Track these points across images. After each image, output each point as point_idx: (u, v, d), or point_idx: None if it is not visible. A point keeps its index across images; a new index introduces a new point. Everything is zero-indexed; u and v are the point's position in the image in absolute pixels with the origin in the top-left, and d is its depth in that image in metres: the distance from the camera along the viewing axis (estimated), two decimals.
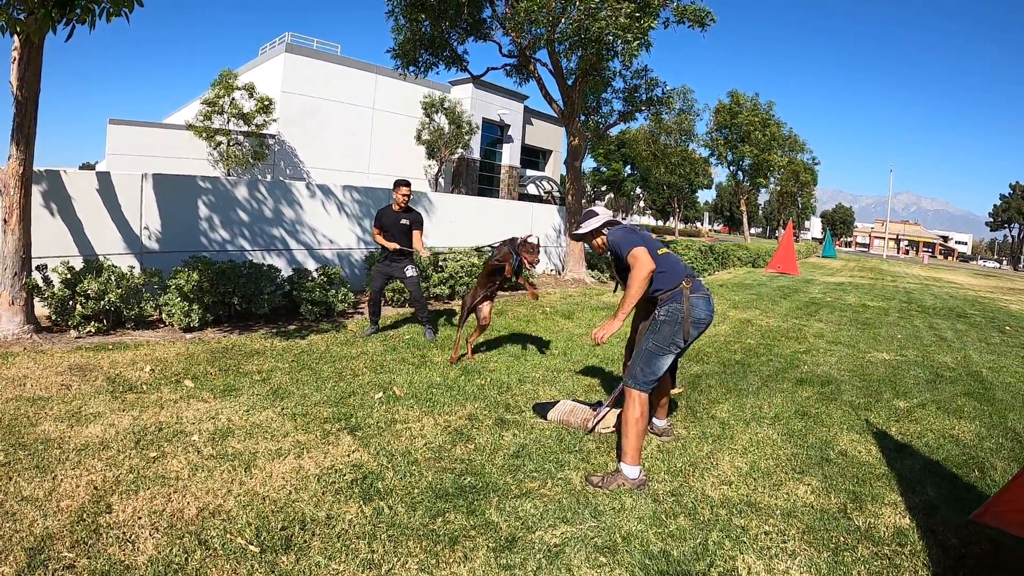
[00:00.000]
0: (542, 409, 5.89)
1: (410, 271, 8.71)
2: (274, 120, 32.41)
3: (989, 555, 4.03)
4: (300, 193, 11.36)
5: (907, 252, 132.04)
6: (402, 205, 8.72)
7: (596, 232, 5.20)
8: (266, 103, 31.12)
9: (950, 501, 4.80)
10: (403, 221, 8.66)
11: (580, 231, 5.23)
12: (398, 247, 8.51)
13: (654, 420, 5.59)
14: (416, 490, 4.18)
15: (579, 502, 4.23)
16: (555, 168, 51.31)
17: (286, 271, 10.13)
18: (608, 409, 5.60)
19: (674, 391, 7.06)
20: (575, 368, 7.86)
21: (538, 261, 7.34)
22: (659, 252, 4.88)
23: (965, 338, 13.17)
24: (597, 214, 5.23)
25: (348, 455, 4.66)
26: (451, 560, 3.40)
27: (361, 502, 3.94)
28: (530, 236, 7.42)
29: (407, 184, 8.74)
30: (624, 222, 5.45)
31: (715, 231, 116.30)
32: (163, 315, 8.28)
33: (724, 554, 3.74)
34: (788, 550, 3.86)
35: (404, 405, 5.91)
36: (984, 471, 5.51)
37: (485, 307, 7.80)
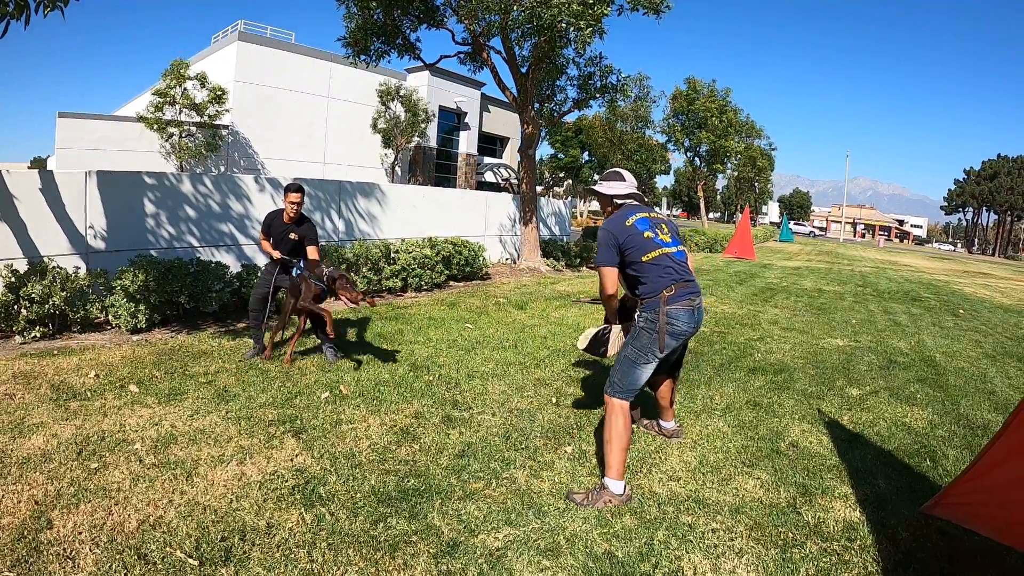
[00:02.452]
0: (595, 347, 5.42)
1: (295, 272, 7.50)
2: (227, 110, 31.98)
3: (940, 549, 4.03)
4: (248, 187, 11.20)
5: (863, 236, 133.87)
6: (293, 216, 7.38)
7: (608, 200, 4.89)
8: (219, 93, 30.67)
9: (901, 493, 4.83)
10: (292, 235, 7.43)
11: (598, 189, 4.92)
12: (285, 258, 7.42)
13: (661, 423, 5.56)
14: (359, 495, 4.14)
15: (523, 502, 4.22)
16: (513, 155, 51.19)
17: (235, 267, 9.95)
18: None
19: None
20: (527, 361, 7.84)
21: (356, 301, 6.61)
22: (646, 257, 4.54)
23: (919, 322, 13.36)
24: (623, 179, 4.86)
25: (291, 459, 4.61)
26: (391, 568, 3.37)
27: (302, 509, 3.89)
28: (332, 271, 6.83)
29: (299, 190, 7.35)
30: (644, 208, 4.85)
31: (674, 216, 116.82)
32: (110, 317, 8.12)
33: (670, 554, 3.73)
34: (735, 548, 3.87)
35: (350, 404, 5.86)
36: (936, 460, 5.56)
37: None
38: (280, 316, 7.51)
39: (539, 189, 62.06)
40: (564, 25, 13.30)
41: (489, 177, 48.78)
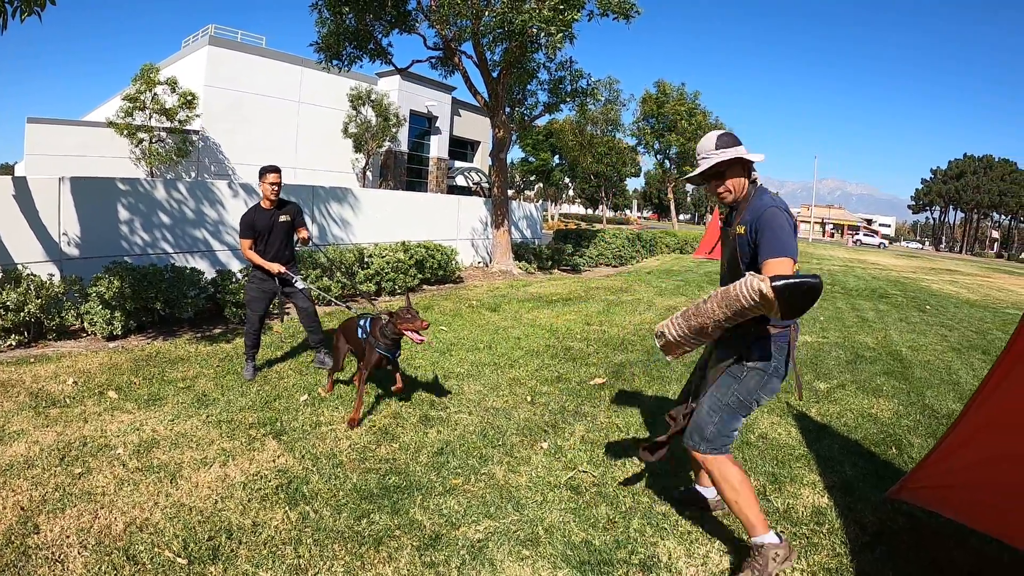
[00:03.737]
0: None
1: (299, 282, 6.98)
2: (197, 115, 31.78)
3: (906, 530, 4.17)
4: (222, 193, 11.21)
5: (832, 236, 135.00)
6: (273, 199, 6.79)
7: (725, 168, 3.59)
8: (189, 98, 30.51)
9: (868, 479, 4.98)
10: (282, 219, 6.86)
11: (748, 157, 3.57)
12: (281, 270, 6.75)
13: (698, 488, 4.42)
14: (341, 492, 4.23)
15: (502, 496, 4.32)
16: (484, 159, 51.31)
17: (210, 273, 9.94)
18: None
19: (596, 381, 7.18)
20: (501, 362, 7.93)
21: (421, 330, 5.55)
22: (797, 266, 3.38)
23: (886, 318, 13.56)
24: (739, 143, 3.59)
25: (273, 460, 4.68)
26: (376, 561, 3.46)
27: (287, 507, 3.97)
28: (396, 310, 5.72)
29: (276, 170, 6.79)
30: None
31: (644, 218, 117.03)
32: (85, 324, 8.09)
33: (645, 541, 3.86)
34: (708, 534, 4.00)
35: (329, 406, 5.93)
36: (901, 448, 5.73)
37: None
38: (334, 360, 6.40)
39: (511, 193, 62.12)
40: (535, 30, 13.38)
41: (460, 181, 48.81)
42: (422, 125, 45.51)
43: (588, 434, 5.52)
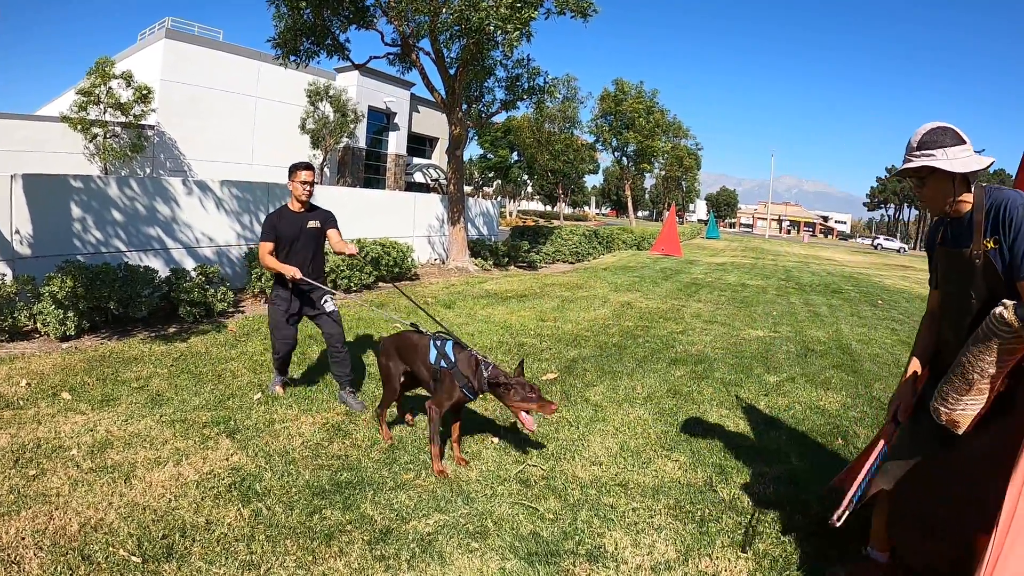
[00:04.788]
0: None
1: (329, 304, 6.14)
2: (153, 110, 31.38)
3: (850, 519, 4.27)
4: (176, 190, 11.12)
5: (788, 232, 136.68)
6: (304, 200, 6.06)
7: (959, 174, 2.86)
8: (144, 92, 30.06)
9: (814, 469, 5.11)
10: (311, 224, 6.06)
11: (931, 156, 2.86)
12: (297, 274, 5.75)
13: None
14: (294, 489, 4.27)
15: (452, 490, 4.39)
16: (443, 156, 51.06)
17: (164, 272, 9.85)
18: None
19: (548, 376, 7.27)
20: None
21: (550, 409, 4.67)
22: None
23: (838, 313, 13.86)
24: (964, 141, 2.85)
25: (227, 459, 4.70)
26: (327, 556, 3.52)
27: (240, 505, 4.01)
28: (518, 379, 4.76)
29: (309, 168, 6.06)
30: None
31: (602, 215, 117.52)
32: (38, 324, 8.00)
33: (592, 532, 3.95)
34: (655, 525, 4.10)
35: (283, 404, 5.95)
36: (848, 439, 5.89)
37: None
38: (387, 386, 5.38)
39: (468, 189, 62.05)
40: (492, 28, 13.44)
41: (419, 178, 48.66)
42: (380, 121, 45.34)
43: (538, 428, 5.57)
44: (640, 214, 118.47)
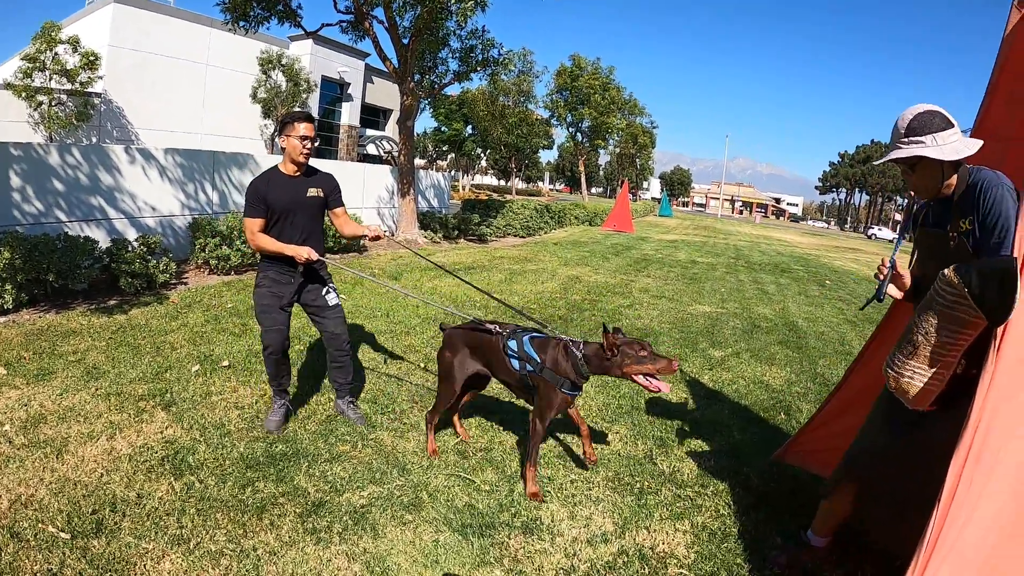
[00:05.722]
0: None
1: (332, 297, 5.03)
2: (100, 77, 30.50)
3: (790, 492, 4.33)
4: (119, 158, 10.83)
5: (741, 212, 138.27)
6: (302, 162, 4.76)
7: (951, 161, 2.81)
8: (92, 58, 29.19)
9: (755, 443, 5.18)
10: (312, 192, 4.82)
11: (920, 143, 2.79)
12: (312, 255, 4.62)
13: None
14: (227, 462, 4.23)
15: (388, 462, 4.39)
16: (396, 127, 50.77)
17: (106, 243, 9.59)
18: None
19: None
20: (397, 329, 7.96)
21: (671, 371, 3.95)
22: None
23: (786, 291, 14.06)
24: (952, 124, 2.77)
25: (161, 432, 4.63)
26: (258, 529, 3.50)
27: (172, 478, 3.96)
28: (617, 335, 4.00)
29: (310, 119, 4.75)
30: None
31: (557, 191, 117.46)
32: None
33: (529, 504, 3.97)
34: (592, 497, 4.14)
35: (221, 376, 5.87)
36: (790, 414, 5.98)
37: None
38: (438, 396, 4.64)
39: (422, 162, 61.59)
40: None
41: (372, 149, 48.12)
42: (334, 92, 44.69)
43: (478, 399, 5.54)
44: (594, 191, 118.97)
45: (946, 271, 2.57)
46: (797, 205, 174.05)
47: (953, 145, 2.72)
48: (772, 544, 3.71)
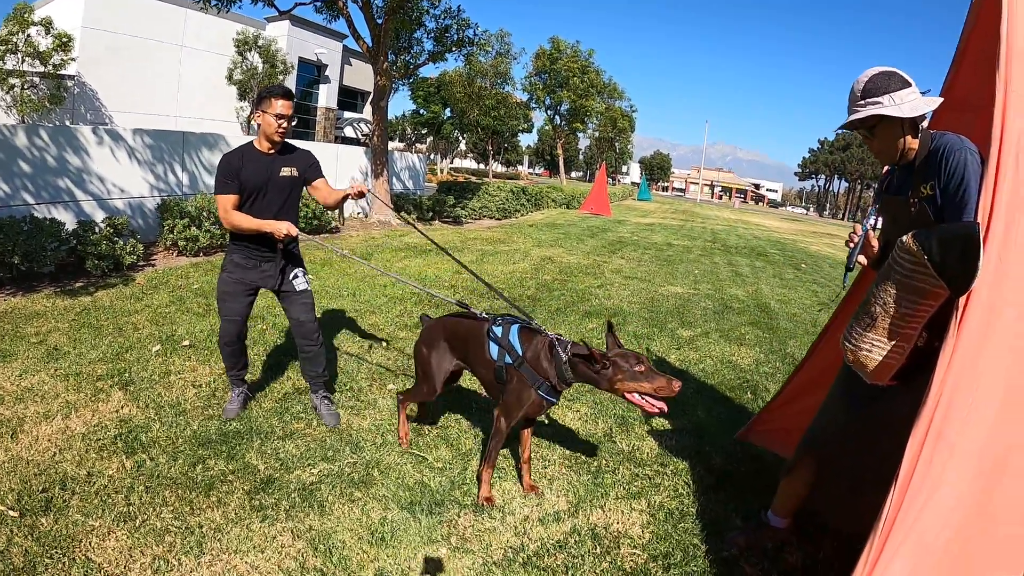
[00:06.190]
0: None
1: (301, 282, 4.77)
2: (73, 59, 30.14)
3: (752, 472, 4.35)
4: (86, 139, 10.70)
5: (720, 198, 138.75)
6: (277, 140, 4.48)
7: (903, 120, 2.74)
8: (65, 40, 28.83)
9: (720, 423, 5.21)
10: (285, 171, 4.51)
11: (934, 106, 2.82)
12: (292, 230, 4.37)
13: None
14: (180, 440, 4.22)
15: (342, 439, 4.40)
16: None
17: (73, 225, 9.44)
18: None
19: None
20: (363, 308, 7.96)
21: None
22: None
23: (760, 274, 14.15)
24: (910, 84, 2.70)
25: (117, 411, 4.61)
26: (205, 506, 3.50)
27: (124, 456, 3.95)
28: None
29: (288, 95, 4.47)
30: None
31: (536, 175, 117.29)
32: None
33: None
34: (548, 475, 4.16)
35: (181, 355, 5.84)
36: (757, 393, 6.01)
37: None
38: (414, 386, 4.48)
39: (401, 145, 61.27)
40: None
41: (349, 132, 47.88)
42: (311, 73, 44.41)
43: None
44: (574, 175, 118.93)
45: (904, 238, 2.54)
46: (777, 191, 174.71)
47: (912, 103, 2.65)
48: (732, 525, 3.71)
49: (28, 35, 27.78)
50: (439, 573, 3.15)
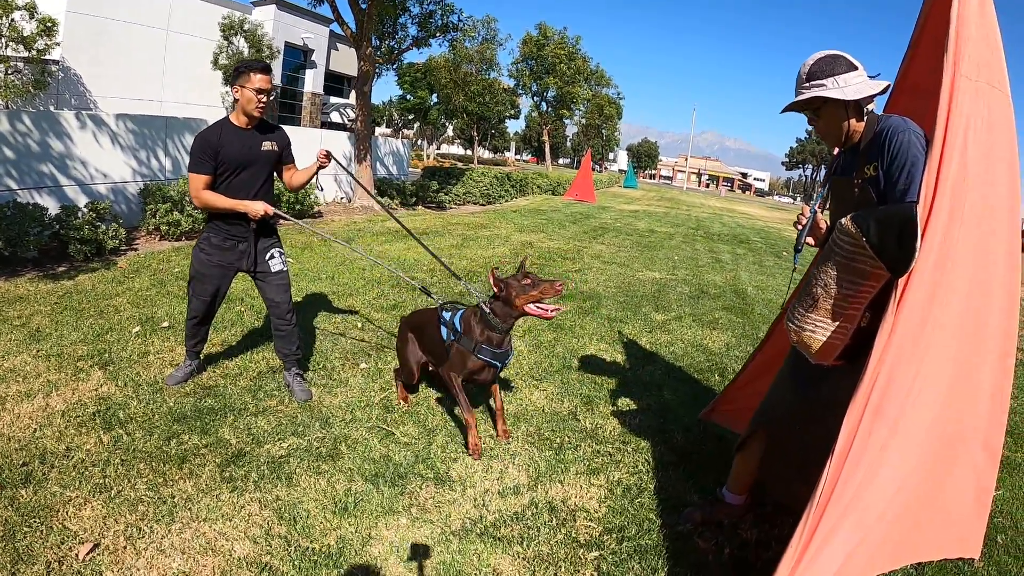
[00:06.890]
0: None
1: (276, 262, 4.81)
2: (57, 44, 29.88)
3: (714, 451, 4.46)
4: (69, 124, 10.75)
5: (707, 186, 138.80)
6: (256, 116, 4.45)
7: (847, 102, 2.80)
8: (49, 24, 28.63)
9: (686, 404, 5.33)
10: (266, 145, 4.57)
11: (876, 90, 2.79)
12: (269, 209, 4.49)
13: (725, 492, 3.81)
14: (156, 416, 4.35)
15: (312, 416, 4.55)
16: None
17: (56, 210, 9.46)
18: None
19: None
20: (341, 291, 8.07)
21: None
22: None
23: (741, 261, 14.23)
24: (856, 67, 2.78)
25: (96, 389, 4.73)
26: (178, 478, 3.64)
27: (101, 432, 4.08)
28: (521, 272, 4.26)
29: (266, 70, 4.42)
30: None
31: (523, 161, 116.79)
32: None
33: (445, 456, 4.14)
34: (510, 451, 4.30)
35: (160, 336, 5.95)
36: (725, 375, 6.09)
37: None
38: (403, 374, 4.92)
39: (388, 131, 61.05)
40: None
41: (335, 117, 47.62)
42: (297, 59, 44.10)
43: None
44: (561, 161, 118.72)
45: (843, 220, 2.62)
46: (764, 180, 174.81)
47: (856, 86, 2.72)
48: (689, 501, 3.83)
49: (12, 20, 27.54)
50: (400, 542, 3.29)
